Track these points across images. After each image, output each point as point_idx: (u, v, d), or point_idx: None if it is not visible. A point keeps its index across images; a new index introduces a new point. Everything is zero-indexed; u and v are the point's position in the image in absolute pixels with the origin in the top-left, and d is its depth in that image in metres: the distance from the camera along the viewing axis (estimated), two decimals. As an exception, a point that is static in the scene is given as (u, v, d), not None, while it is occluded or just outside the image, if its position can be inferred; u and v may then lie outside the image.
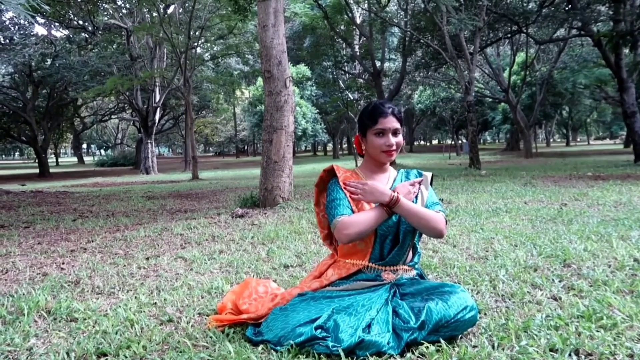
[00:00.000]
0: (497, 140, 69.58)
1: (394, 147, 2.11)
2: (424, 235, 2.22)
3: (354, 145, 2.35)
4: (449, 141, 45.47)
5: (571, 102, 32.66)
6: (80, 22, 24.31)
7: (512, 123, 31.19)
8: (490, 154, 32.18)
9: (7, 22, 24.33)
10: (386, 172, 2.24)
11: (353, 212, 2.07)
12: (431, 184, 2.24)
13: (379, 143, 2.10)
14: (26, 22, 24.19)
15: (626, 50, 14.86)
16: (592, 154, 26.00)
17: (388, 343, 1.80)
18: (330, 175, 2.23)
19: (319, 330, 1.81)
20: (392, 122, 2.10)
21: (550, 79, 26.29)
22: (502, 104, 31.46)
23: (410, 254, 2.19)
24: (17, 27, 24.61)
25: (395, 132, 2.11)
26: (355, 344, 1.76)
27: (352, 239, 2.01)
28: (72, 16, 23.78)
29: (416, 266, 2.22)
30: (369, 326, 1.86)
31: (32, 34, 24.98)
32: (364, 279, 2.09)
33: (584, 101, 33.23)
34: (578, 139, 65.90)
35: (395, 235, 2.10)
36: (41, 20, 24.33)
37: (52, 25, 25.38)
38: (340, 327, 1.81)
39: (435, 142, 76.91)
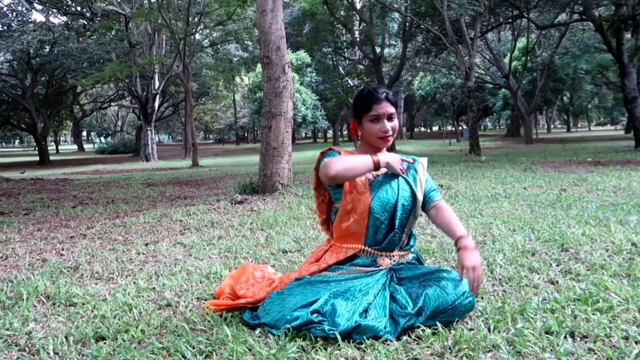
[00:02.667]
0: (497, 127, 69.41)
1: (390, 133, 2.10)
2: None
3: (351, 130, 2.34)
4: (449, 127, 45.38)
5: (572, 88, 32.52)
6: (78, 9, 24.11)
7: (513, 109, 31.08)
8: (490, 140, 32.11)
9: (5, 9, 24.11)
10: None
11: None
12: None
13: (374, 129, 2.09)
14: (24, 9, 24.00)
15: (628, 35, 14.76)
16: (592, 139, 25.93)
17: (385, 328, 1.80)
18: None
19: (315, 315, 1.81)
20: (387, 107, 2.08)
21: (551, 64, 26.12)
22: (503, 90, 31.32)
23: (406, 238, 2.18)
24: (14, 13, 24.38)
25: (390, 117, 2.10)
26: (352, 328, 1.76)
27: (336, 172, 1.98)
28: (69, 2, 23.58)
29: (412, 249, 2.22)
30: (366, 311, 1.85)
31: (30, 20, 24.75)
32: (360, 264, 2.08)
33: (585, 87, 33.04)
34: (579, 125, 65.67)
35: (391, 220, 2.10)
36: (39, 7, 24.18)
37: (50, 12, 25.18)
38: (337, 311, 1.81)
39: (435, 128, 76.72)
